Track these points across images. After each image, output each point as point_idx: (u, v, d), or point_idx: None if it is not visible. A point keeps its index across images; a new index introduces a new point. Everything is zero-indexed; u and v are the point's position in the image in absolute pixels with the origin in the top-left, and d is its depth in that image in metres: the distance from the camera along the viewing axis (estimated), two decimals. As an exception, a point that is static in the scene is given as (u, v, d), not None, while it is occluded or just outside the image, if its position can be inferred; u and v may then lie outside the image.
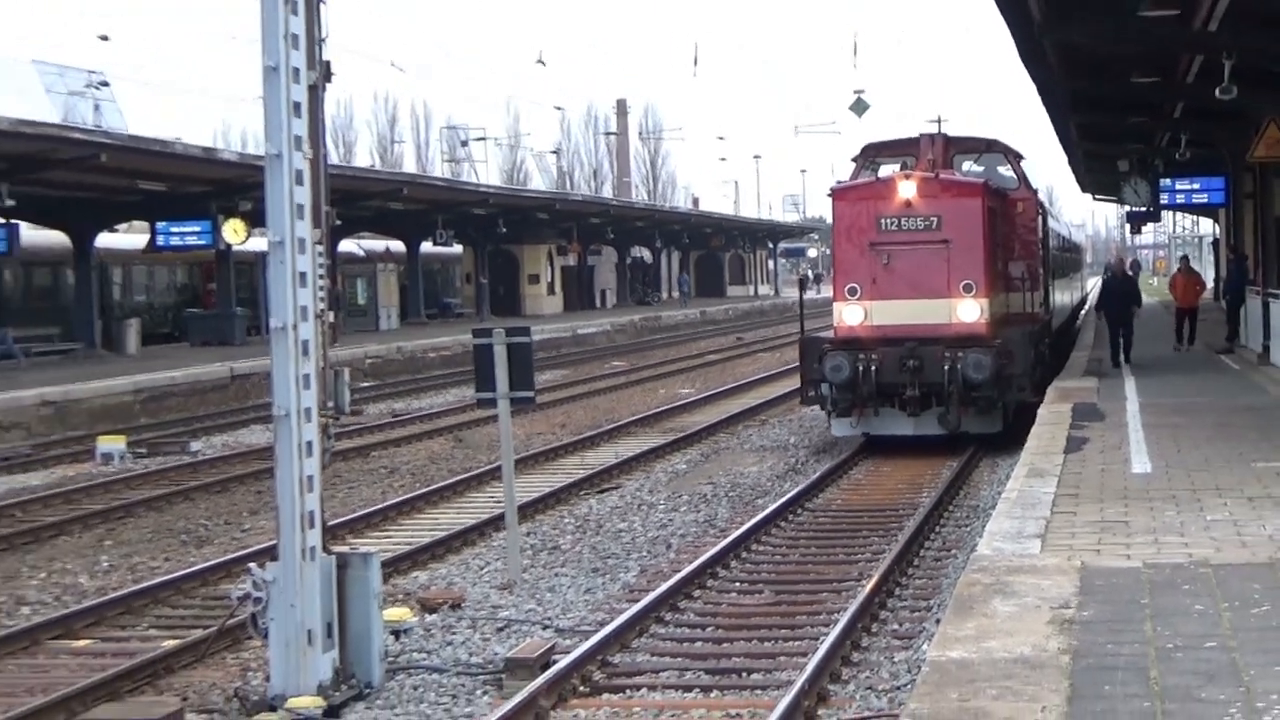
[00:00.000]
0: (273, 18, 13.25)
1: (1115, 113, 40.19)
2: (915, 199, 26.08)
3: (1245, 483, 16.38)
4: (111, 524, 23.58)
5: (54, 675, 14.74)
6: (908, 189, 26.18)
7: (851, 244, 26.89)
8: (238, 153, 52.97)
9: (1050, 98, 37.26)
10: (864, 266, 26.48)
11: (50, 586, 19.10)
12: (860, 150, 31.36)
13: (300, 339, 13.46)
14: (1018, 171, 31.74)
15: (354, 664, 13.79)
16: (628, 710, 13.05)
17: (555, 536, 21.22)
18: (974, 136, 31.58)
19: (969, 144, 30.81)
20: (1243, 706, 8.36)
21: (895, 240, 26.22)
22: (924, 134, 29.31)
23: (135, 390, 40.10)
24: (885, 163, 29.42)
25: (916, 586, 17.23)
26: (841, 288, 26.96)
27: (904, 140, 30.41)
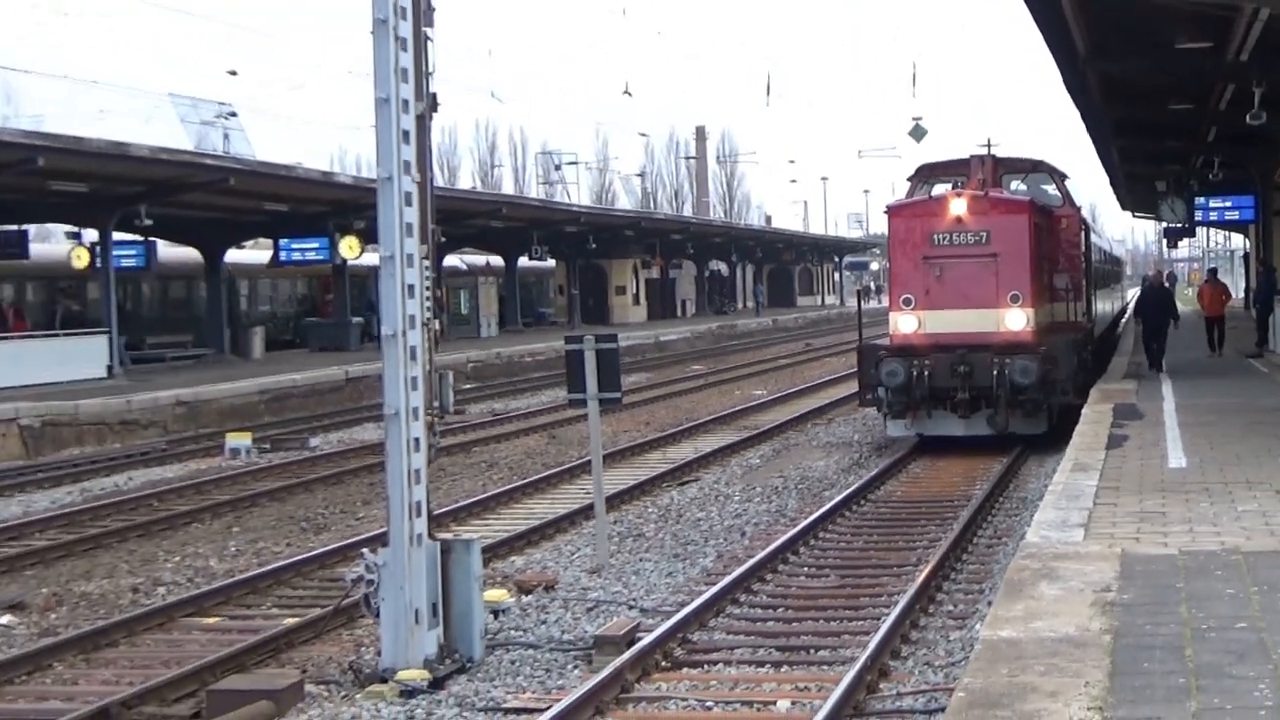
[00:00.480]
0: (385, 54, 13.33)
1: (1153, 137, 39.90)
2: (966, 215, 25.88)
3: (1274, 477, 16.21)
4: (239, 512, 23.74)
5: (186, 649, 14.86)
6: (959, 206, 26.00)
7: (906, 257, 26.71)
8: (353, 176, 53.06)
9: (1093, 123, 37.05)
10: (918, 278, 26.29)
11: (184, 569, 19.25)
12: (915, 170, 31.22)
13: (409, 345, 13.53)
14: (1062, 190, 31.53)
15: (457, 640, 13.84)
16: (705, 683, 13.03)
17: (639, 525, 21.23)
18: (1021, 157, 31.40)
19: (1016, 164, 30.61)
20: (1271, 682, 8.29)
21: (947, 254, 26.02)
22: (974, 155, 29.07)
23: (260, 391, 40.35)
24: (938, 182, 29.25)
25: (970, 571, 17.16)
26: (897, 298, 26.81)
27: (956, 161, 30.16)
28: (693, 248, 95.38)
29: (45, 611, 16.91)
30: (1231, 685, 8.28)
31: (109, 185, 40.63)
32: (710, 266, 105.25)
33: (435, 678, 13.20)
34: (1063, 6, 20.45)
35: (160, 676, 13.41)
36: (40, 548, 20.69)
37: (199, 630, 15.84)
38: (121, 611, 16.46)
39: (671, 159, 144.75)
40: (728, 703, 12.46)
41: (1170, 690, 8.23)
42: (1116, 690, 8.25)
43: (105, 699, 12.68)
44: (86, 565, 19.71)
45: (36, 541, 21.24)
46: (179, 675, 13.40)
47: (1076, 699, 8.09)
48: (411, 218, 13.56)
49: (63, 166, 36.38)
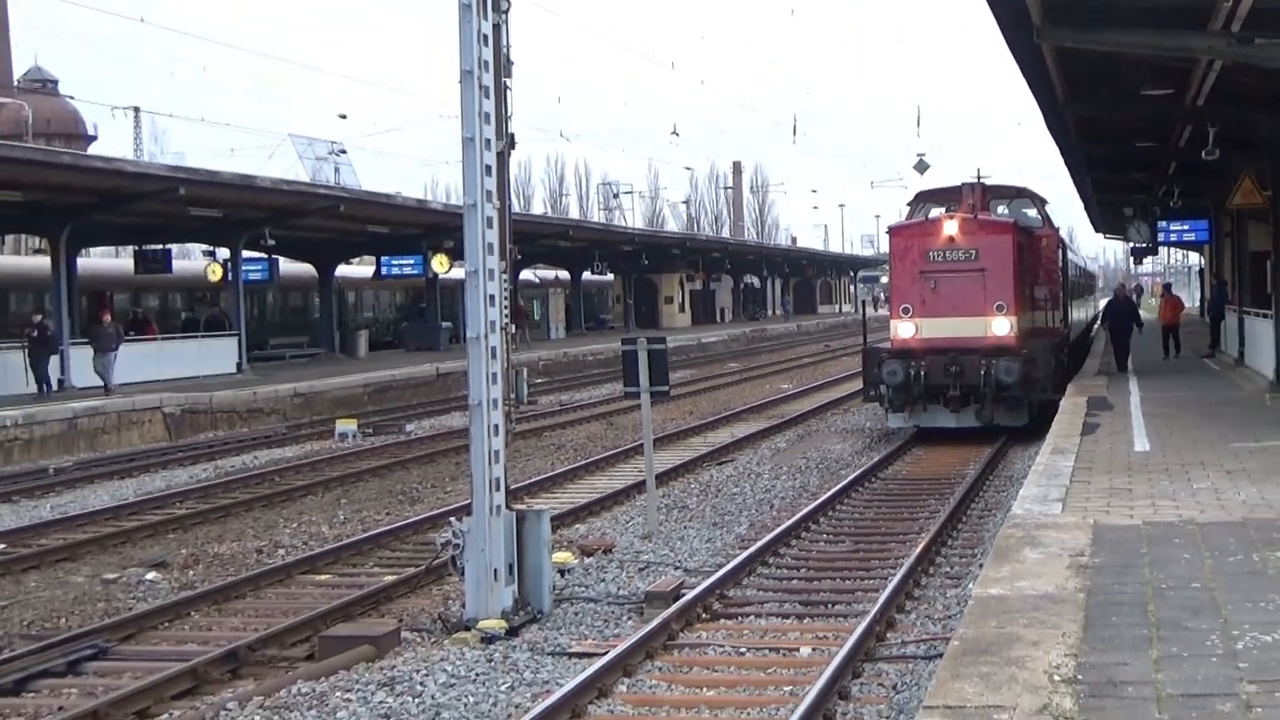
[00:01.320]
0: (470, 101, 13.38)
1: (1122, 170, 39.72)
2: (957, 235, 25.73)
3: (1224, 459, 16.16)
4: (346, 486, 23.88)
5: (302, 601, 14.97)
6: (951, 227, 25.86)
7: (905, 272, 26.52)
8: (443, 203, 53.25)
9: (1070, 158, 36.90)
10: (915, 290, 26.12)
11: (300, 534, 19.38)
12: (914, 196, 31.13)
13: (490, 345, 13.58)
14: (1042, 213, 31.33)
15: (529, 595, 13.88)
16: (739, 632, 13.05)
17: (684, 498, 21.24)
18: (1006, 185, 31.19)
19: (1002, 191, 30.40)
20: (1221, 634, 8.28)
21: (941, 268, 25.84)
22: (965, 183, 28.85)
23: (364, 385, 40.55)
24: (934, 206, 28.97)
25: (964, 539, 17.11)
26: (897, 307, 26.64)
27: (949, 188, 29.93)
28: (730, 264, 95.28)
29: (184, 569, 17.08)
30: (1187, 636, 8.28)
31: (238, 211, 40.88)
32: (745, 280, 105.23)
33: (511, 626, 13.26)
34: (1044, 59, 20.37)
35: (280, 624, 13.53)
36: (180, 515, 20.86)
37: (312, 585, 15.97)
38: (247, 569, 16.62)
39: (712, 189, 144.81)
40: (758, 649, 12.49)
41: (1135, 640, 8.22)
42: (1089, 640, 8.25)
43: (234, 643, 12.80)
44: (219, 530, 19.88)
45: (177, 510, 21.42)
46: (295, 623, 13.51)
47: (1055, 647, 8.09)
48: (492, 238, 13.61)
49: (200, 195, 36.63)
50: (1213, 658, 7.84)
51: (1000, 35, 18.81)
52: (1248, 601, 9.06)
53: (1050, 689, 7.29)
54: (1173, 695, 7.18)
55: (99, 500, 22.97)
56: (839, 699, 10.69)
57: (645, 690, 11.33)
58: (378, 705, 10.94)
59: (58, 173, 33.94)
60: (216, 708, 10.92)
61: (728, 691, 11.24)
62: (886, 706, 10.62)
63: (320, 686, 11.41)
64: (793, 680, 11.33)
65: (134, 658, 12.81)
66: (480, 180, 13.44)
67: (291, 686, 11.43)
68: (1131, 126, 28.84)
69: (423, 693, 11.25)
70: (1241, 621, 8.56)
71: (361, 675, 11.77)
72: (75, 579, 16.72)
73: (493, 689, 11.42)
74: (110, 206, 36.29)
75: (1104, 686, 7.36)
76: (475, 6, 13.27)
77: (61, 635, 13.50)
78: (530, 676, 11.78)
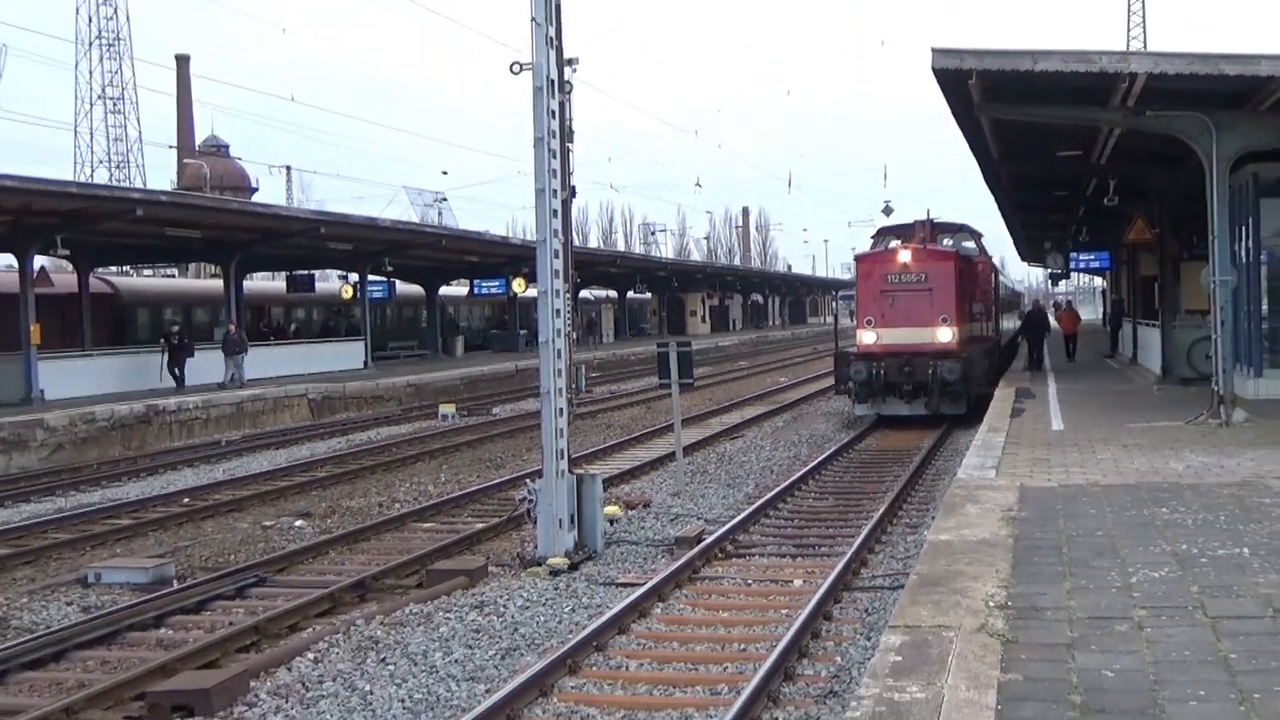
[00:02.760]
0: (541, 161, 13.43)
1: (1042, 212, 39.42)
2: (910, 262, 25.30)
3: (1122, 436, 16.04)
4: (446, 456, 23.95)
5: (412, 543, 15.01)
6: (905, 256, 25.44)
7: (868, 291, 26.05)
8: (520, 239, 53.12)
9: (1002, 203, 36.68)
10: (876, 306, 25.65)
11: (411, 491, 19.44)
12: (876, 231, 30.70)
13: (556, 348, 13.63)
14: (979, 245, 31.02)
15: (586, 539, 13.92)
16: (746, 568, 13.05)
17: (705, 465, 21.21)
18: (950, 222, 30.74)
19: (947, 227, 29.95)
20: (1118, 571, 8.25)
21: (897, 288, 25.39)
22: (917, 220, 28.37)
23: (460, 378, 40.65)
24: (892, 239, 28.63)
25: (919, 497, 17.03)
26: (862, 319, 26.16)
27: (904, 225, 29.41)
28: (740, 285, 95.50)
29: (324, 518, 17.19)
30: (1092, 572, 8.25)
31: (365, 245, 41.07)
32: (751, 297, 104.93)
33: (572, 563, 13.30)
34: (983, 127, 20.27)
35: (396, 560, 13.61)
36: (320, 477, 21.00)
37: (421, 531, 16.03)
38: (371, 518, 16.70)
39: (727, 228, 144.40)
40: (761, 581, 12.49)
41: (1052, 575, 8.19)
42: (1016, 574, 8.23)
43: (361, 574, 12.89)
44: (350, 488, 19.99)
45: (318, 473, 21.55)
46: (408, 559, 13.58)
47: (990, 580, 8.07)
48: (558, 266, 13.66)
49: (336, 233, 36.84)
50: (1112, 589, 7.81)
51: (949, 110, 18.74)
52: (1140, 546, 9.01)
53: (986, 613, 7.28)
54: (1081, 618, 7.17)
55: (259, 465, 23.16)
56: (823, 619, 10.70)
57: (675, 612, 11.36)
58: (470, 622, 10.99)
59: (229, 216, 34.24)
60: (348, 623, 10.99)
61: (738, 613, 11.26)
62: (860, 625, 10.62)
63: (427, 608, 11.49)
64: (788, 605, 11.34)
65: (285, 585, 12.91)
66: (549, 222, 13.48)
67: (405, 608, 11.51)
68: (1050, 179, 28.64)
69: (505, 613, 11.30)
70: (1135, 561, 8.52)
71: (458, 600, 11.84)
72: (241, 525, 16.87)
73: (558, 610, 11.47)
74: (268, 241, 36.51)
75: (1028, 611, 7.34)
76: (545, 89, 13.32)
77: (231, 568, 13.64)
78: (587, 601, 11.83)
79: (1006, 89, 17.17)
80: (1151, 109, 17.12)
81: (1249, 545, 8.95)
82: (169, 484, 20.94)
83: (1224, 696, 5.80)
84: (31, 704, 9.19)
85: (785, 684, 9.03)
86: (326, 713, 8.76)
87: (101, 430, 26.03)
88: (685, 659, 9.88)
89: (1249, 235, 20.04)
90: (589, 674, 9.48)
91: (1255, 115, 16.86)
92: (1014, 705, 5.73)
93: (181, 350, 32.86)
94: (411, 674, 9.57)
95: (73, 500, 19.66)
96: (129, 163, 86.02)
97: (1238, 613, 7.21)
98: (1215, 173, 17.06)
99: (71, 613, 12.09)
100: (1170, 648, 6.57)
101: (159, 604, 11.96)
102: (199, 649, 10.30)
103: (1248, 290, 19.85)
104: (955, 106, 18.43)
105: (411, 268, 49.92)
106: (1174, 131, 17.48)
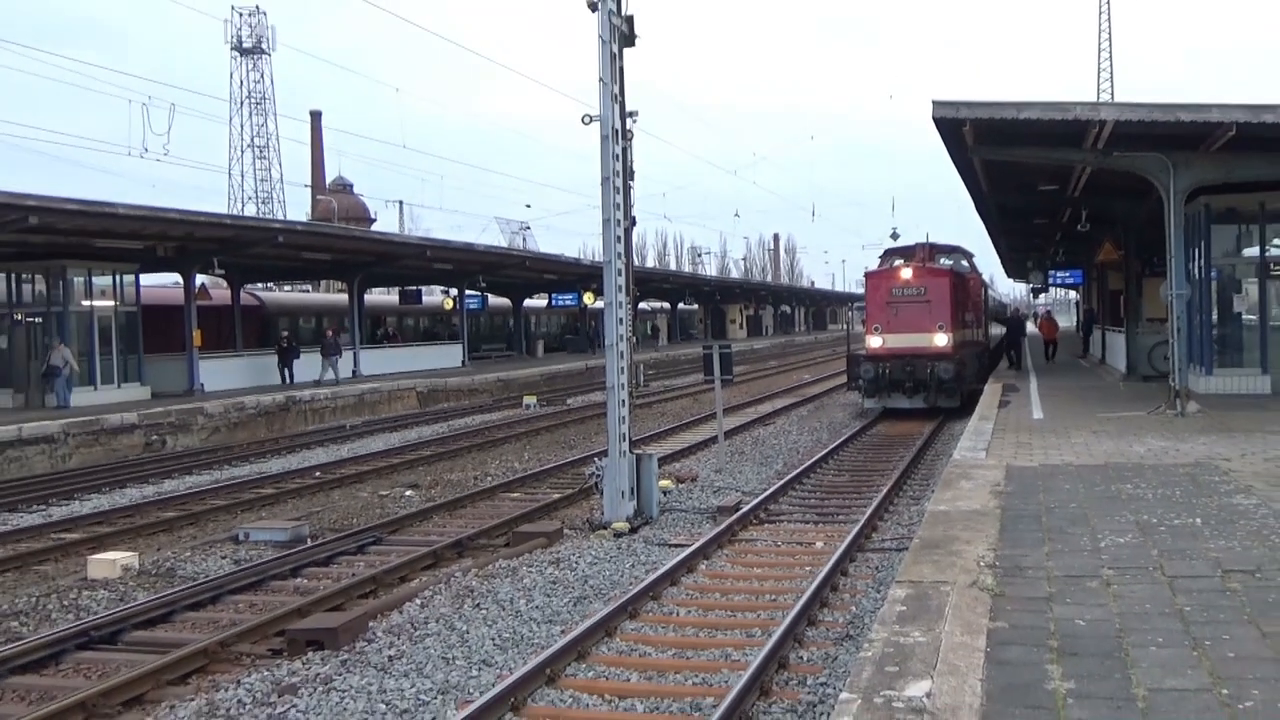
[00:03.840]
0: (607, 197, 13.43)
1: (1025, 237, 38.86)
2: (911, 278, 24.91)
3: (1091, 424, 15.80)
4: (529, 438, 24.02)
5: (501, 509, 15.07)
6: (907, 273, 25.06)
7: (876, 302, 25.52)
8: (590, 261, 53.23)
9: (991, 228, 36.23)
10: (883, 315, 25.17)
11: (500, 467, 19.53)
12: (883, 252, 30.32)
13: (619, 350, 13.63)
14: (971, 263, 30.56)
15: (644, 507, 13.90)
16: (776, 532, 12.97)
17: (742, 446, 21.11)
18: (946, 244, 30.20)
19: (943, 248, 29.45)
20: (1089, 537, 8.14)
21: (900, 300, 24.94)
22: (918, 243, 28.07)
23: (540, 374, 40.77)
24: (897, 258, 28.24)
25: (921, 474, 16.86)
26: (870, 326, 25.65)
27: (907, 246, 28.98)
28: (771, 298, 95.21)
29: (429, 489, 17.30)
30: (1067, 537, 8.13)
31: (463, 265, 41.30)
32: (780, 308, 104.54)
33: (632, 527, 13.30)
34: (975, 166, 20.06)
35: (488, 524, 13.67)
36: (426, 455, 21.12)
37: (508, 500, 16.08)
38: (468, 490, 16.76)
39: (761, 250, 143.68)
40: (789, 542, 12.41)
41: (1033, 539, 8.09)
42: (1003, 539, 8.13)
43: (459, 535, 12.95)
44: (450, 465, 20.12)
45: (424, 452, 21.68)
46: (497, 523, 13.64)
47: (981, 543, 7.98)
48: (621, 283, 13.65)
49: (440, 256, 37.08)
50: (1084, 552, 7.70)
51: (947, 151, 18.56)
52: (1107, 516, 8.88)
53: (978, 570, 7.20)
54: (1058, 575, 7.07)
55: (376, 445, 23.34)
56: (841, 575, 10.62)
57: (717, 568, 11.32)
58: (549, 575, 11.02)
59: (352, 242, 34.60)
60: (449, 575, 11.07)
61: (769, 569, 11.20)
62: (872, 580, 10.53)
63: (513, 563, 11.52)
64: (811, 562, 11.26)
65: (397, 544, 13.01)
66: (613, 246, 13.50)
67: (495, 563, 11.56)
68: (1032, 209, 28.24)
69: (577, 568, 11.32)
70: (1103, 529, 8.39)
71: (538, 556, 11.87)
72: (362, 494, 17.03)
73: (621, 565, 11.47)
74: (384, 263, 36.86)
75: (1012, 569, 7.25)
76: (610, 137, 13.34)
77: (353, 529, 13.79)
78: (644, 558, 11.82)
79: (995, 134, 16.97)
80: (1118, 150, 16.86)
81: (1201, 516, 8.79)
82: (304, 460, 21.19)
83: (1179, 643, 5.71)
84: (192, 638, 9.36)
85: (809, 628, 8.98)
86: (431, 648, 8.83)
87: (249, 416, 26.43)
88: (725, 607, 9.85)
89: (1201, 256, 19.72)
90: (646, 619, 9.48)
91: (1207, 155, 16.57)
92: (1001, 648, 5.67)
93: (289, 353, 32.72)
94: (500, 617, 9.62)
95: (226, 473, 19.98)
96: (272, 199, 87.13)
97: (1191, 573, 7.09)
98: (1172, 204, 16.80)
99: (225, 564, 12.29)
100: (1133, 601, 6.47)
101: (295, 558, 12.12)
102: (327, 595, 10.42)
103: (1200, 302, 19.52)
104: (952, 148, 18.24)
105: (501, 284, 50.22)
106: (1137, 169, 17.22)
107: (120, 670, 8.55)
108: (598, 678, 8.02)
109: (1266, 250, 19.63)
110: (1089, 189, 22.12)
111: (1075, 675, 5.27)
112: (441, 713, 7.43)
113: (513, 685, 7.45)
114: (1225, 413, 16.43)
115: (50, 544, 13.51)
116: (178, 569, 12.11)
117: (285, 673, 8.34)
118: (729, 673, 7.92)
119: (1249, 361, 19.71)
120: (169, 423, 24.06)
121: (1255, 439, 13.40)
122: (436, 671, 8.23)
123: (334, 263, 36.52)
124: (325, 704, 7.61)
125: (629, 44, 13.65)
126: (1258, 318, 19.87)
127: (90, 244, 25.89)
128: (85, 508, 16.32)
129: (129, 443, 22.93)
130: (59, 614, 10.43)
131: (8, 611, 10.49)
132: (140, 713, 7.82)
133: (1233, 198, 19.09)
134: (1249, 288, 20.16)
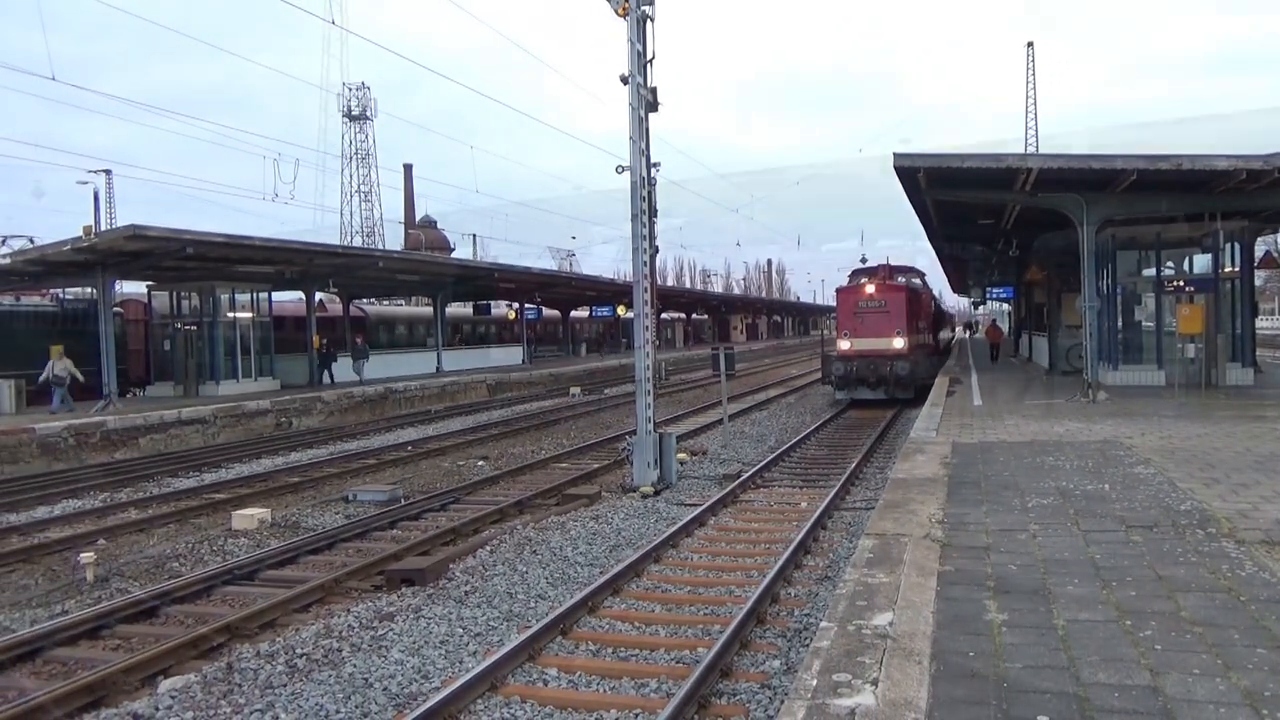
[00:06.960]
0: (636, 230, 13.39)
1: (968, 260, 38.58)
2: (874, 292, 24.54)
3: (1021, 410, 15.62)
4: (575, 420, 23.99)
5: (553, 476, 15.06)
6: (870, 288, 24.68)
7: (845, 312, 25.12)
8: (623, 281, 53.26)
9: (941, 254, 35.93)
10: (851, 322, 24.78)
11: (553, 443, 19.49)
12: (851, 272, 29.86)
13: (645, 351, 13.61)
14: (923, 281, 30.10)
15: (665, 474, 13.84)
16: (769, 495, 12.88)
17: (743, 427, 21.00)
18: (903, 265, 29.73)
19: (900, 269, 28.93)
20: (1019, 499, 8.04)
21: (864, 310, 24.55)
22: (880, 264, 27.66)
23: (583, 370, 40.63)
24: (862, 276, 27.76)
25: (885, 449, 16.72)
26: (841, 332, 25.25)
27: (871, 267, 28.40)
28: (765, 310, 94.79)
29: (496, 460, 17.30)
30: (1001, 499, 8.05)
31: (523, 284, 41.32)
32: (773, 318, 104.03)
33: (655, 491, 13.24)
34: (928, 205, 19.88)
35: (543, 487, 13.66)
36: (495, 434, 21.16)
37: (558, 468, 16.06)
38: (527, 461, 16.74)
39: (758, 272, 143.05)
40: (779, 503, 12.32)
41: (974, 501, 8.01)
42: (950, 501, 8.05)
43: (520, 496, 12.94)
44: (513, 442, 20.11)
45: (493, 431, 21.71)
46: (550, 487, 13.63)
47: (932, 503, 7.91)
48: (646, 299, 13.62)
49: (504, 277, 37.12)
50: (1015, 511, 7.62)
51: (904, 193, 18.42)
52: (1034, 482, 8.78)
53: (930, 525, 7.15)
54: (994, 529, 7.01)
55: (455, 426, 23.33)
56: (821, 528, 10.55)
57: (723, 522, 11.25)
58: (591, 527, 11.01)
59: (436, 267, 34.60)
60: (512, 528, 11.09)
61: (764, 524, 11.12)
62: (845, 533, 10.45)
63: (562, 518, 11.54)
64: (797, 518, 11.20)
65: (471, 503, 13.04)
66: (640, 269, 13.47)
67: (548, 518, 11.58)
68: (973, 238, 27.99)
69: (612, 522, 11.31)
70: (1030, 492, 8.30)
71: (582, 513, 11.88)
72: (443, 464, 17.07)
73: (647, 520, 11.45)
74: (461, 283, 36.89)
75: (957, 524, 7.19)
76: (638, 183, 13.33)
77: (437, 491, 13.84)
78: (666, 515, 11.79)
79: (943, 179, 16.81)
80: (1042, 191, 16.68)
81: (1108, 482, 8.68)
82: (398, 438, 21.23)
83: (1091, 584, 5.66)
84: (313, 576, 9.44)
85: (796, 570, 8.94)
86: (498, 585, 8.86)
87: (356, 403, 26.60)
88: (730, 553, 9.83)
89: (1109, 275, 19.51)
90: (667, 562, 9.47)
91: (1114, 195, 16.38)
92: (949, 587, 5.63)
93: (328, 357, 31.16)
94: (552, 561, 9.64)
95: (339, 447, 20.11)
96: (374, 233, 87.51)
97: (1101, 528, 7.00)
98: (1085, 234, 16.62)
99: (338, 519, 12.37)
100: (1054, 550, 6.41)
101: (392, 514, 12.18)
102: (417, 543, 10.48)
103: (1108, 312, 19.31)
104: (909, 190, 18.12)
105: (553, 299, 50.25)
106: (1057, 207, 17.03)
107: (256, 601, 8.65)
108: (629, 609, 8.02)
109: (1161, 271, 19.43)
110: (1019, 222, 21.89)
111: (1008, 609, 5.24)
112: (507, 635, 7.47)
113: (562, 614, 7.48)
114: (1128, 400, 16.21)
115: (203, 502, 13.67)
116: (301, 522, 12.22)
117: (385, 603, 8.41)
118: (732, 605, 7.91)
119: (1147, 360, 19.48)
120: (294, 408, 24.27)
121: (1152, 421, 13.22)
122: (502, 603, 8.28)
123: (422, 283, 36.66)
124: (415, 628, 7.67)
125: (653, 110, 13.63)
126: (1154, 325, 19.68)
127: (233, 269, 26.17)
128: (229, 474, 16.49)
129: (263, 423, 23.14)
130: (210, 556, 10.56)
131: (170, 555, 10.64)
132: (273, 633, 7.91)
133: (1134, 229, 18.88)
134: (1147, 300, 19.96)
